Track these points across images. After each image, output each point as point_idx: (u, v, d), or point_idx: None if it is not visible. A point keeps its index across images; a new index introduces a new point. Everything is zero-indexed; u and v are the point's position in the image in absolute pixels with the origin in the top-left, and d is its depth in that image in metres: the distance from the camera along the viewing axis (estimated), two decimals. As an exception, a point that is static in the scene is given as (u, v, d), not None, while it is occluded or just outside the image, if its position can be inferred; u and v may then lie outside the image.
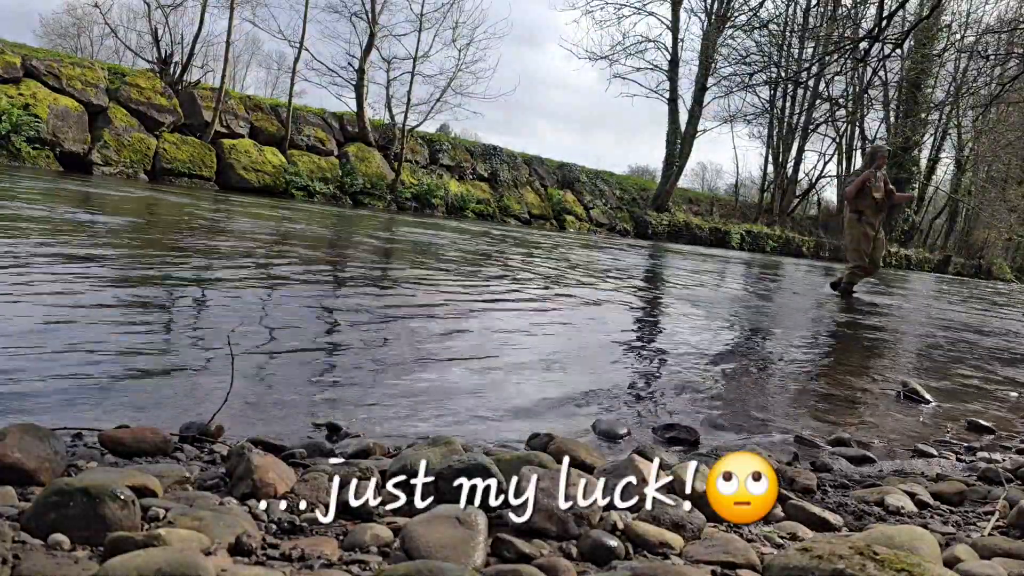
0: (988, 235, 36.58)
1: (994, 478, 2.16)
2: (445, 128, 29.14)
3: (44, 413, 1.93)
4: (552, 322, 4.53)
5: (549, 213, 23.64)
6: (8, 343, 2.50)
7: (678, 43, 26.17)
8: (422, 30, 21.33)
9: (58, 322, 2.89)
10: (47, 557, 1.08)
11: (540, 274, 7.39)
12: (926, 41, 28.43)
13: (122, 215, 7.93)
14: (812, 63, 14.63)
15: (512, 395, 2.72)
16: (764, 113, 29.52)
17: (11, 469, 1.37)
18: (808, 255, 28.30)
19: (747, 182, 37.26)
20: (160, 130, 16.69)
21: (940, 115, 33.81)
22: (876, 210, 8.74)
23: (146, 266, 4.69)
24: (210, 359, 2.65)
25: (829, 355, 4.83)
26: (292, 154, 18.75)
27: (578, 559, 1.32)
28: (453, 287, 5.56)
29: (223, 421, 1.95)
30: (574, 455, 1.87)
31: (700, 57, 26.07)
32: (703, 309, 6.29)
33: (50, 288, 3.48)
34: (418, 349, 3.34)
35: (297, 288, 4.59)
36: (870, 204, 8.67)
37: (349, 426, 2.14)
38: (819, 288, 10.69)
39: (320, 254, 6.90)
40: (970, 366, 4.88)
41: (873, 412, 3.20)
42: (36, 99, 14.85)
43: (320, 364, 2.87)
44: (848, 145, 32.61)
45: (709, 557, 1.36)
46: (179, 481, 1.50)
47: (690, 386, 3.23)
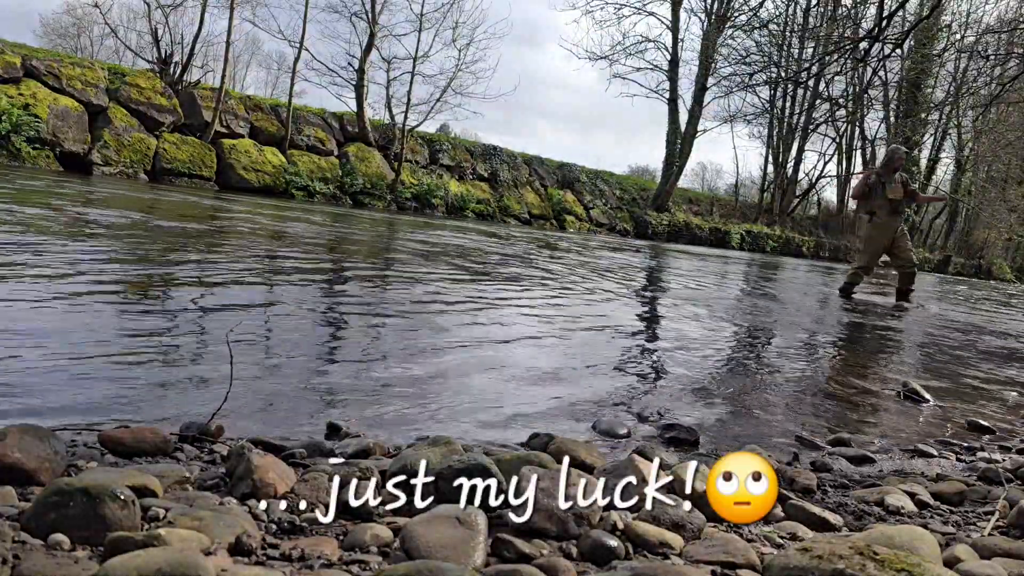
0: (988, 235, 36.58)
1: (994, 478, 2.16)
2: (445, 128, 29.14)
3: (44, 413, 1.93)
4: (552, 322, 4.53)
5: (549, 213, 23.64)
6: (8, 343, 2.50)
7: (678, 43, 26.20)
8: (422, 30, 21.36)
9: (57, 321, 2.89)
10: (47, 557, 1.08)
11: (540, 274, 7.39)
12: (926, 41, 28.44)
13: (185, 220, 7.93)
14: (812, 63, 14.63)
15: (512, 395, 2.72)
16: (764, 113, 29.53)
17: (11, 469, 1.37)
18: (808, 255, 28.30)
19: (747, 182, 37.31)
20: (160, 130, 16.69)
21: (940, 115, 33.83)
22: (891, 211, 8.56)
23: (245, 279, 4.68)
24: (225, 359, 2.65)
25: (829, 355, 4.83)
26: (292, 154, 18.75)
27: (578, 559, 1.32)
28: (454, 287, 5.56)
29: (223, 421, 1.95)
30: (574, 455, 1.87)
31: (700, 57, 26.08)
32: (703, 309, 6.29)
33: (50, 287, 3.49)
34: (418, 349, 3.34)
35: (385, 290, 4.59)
36: (882, 204, 8.53)
37: (349, 426, 2.14)
38: (819, 288, 10.68)
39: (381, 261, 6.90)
40: (970, 366, 4.88)
41: (873, 412, 3.20)
42: (36, 99, 14.84)
43: (321, 364, 2.87)
44: (848, 145, 32.64)
45: (709, 557, 1.36)
46: (179, 481, 1.50)
47: (690, 386, 3.23)
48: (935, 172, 35.76)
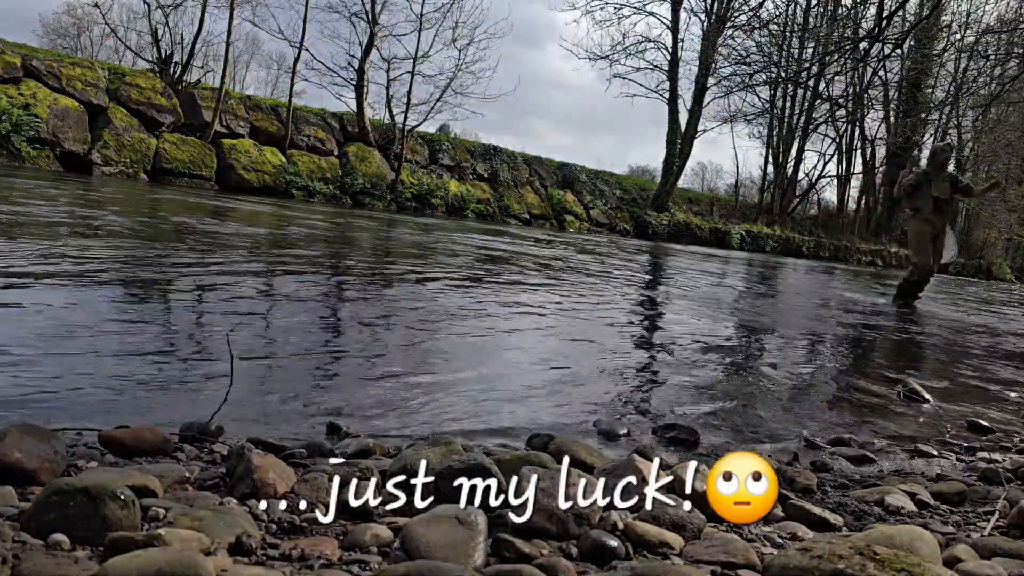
0: (988, 235, 36.56)
1: (994, 478, 2.16)
2: (445, 128, 29.13)
3: (44, 413, 1.93)
4: (552, 321, 4.53)
5: (549, 213, 23.64)
6: (8, 343, 2.50)
7: (678, 43, 26.18)
8: (422, 30, 21.34)
9: (58, 321, 2.89)
10: (47, 557, 1.08)
11: (540, 274, 7.39)
12: (926, 41, 28.44)
13: (253, 224, 7.93)
14: (812, 63, 14.64)
15: (513, 394, 2.72)
16: (764, 113, 29.52)
17: (11, 469, 1.37)
18: (808, 255, 28.29)
19: (747, 182, 37.29)
20: (160, 130, 16.69)
21: (940, 115, 33.83)
22: (936, 210, 8.27)
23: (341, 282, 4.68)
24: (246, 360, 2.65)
25: (830, 355, 4.83)
26: (292, 154, 18.75)
27: (578, 559, 1.32)
28: (454, 287, 5.56)
29: (223, 421, 1.95)
30: (574, 455, 1.87)
31: (700, 57, 26.06)
32: (703, 309, 6.29)
33: (51, 289, 3.49)
34: (419, 348, 3.34)
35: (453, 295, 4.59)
36: (927, 202, 8.24)
37: (349, 426, 2.14)
38: (819, 289, 10.66)
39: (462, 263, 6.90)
40: (970, 366, 4.88)
41: (873, 412, 3.20)
42: (36, 99, 14.84)
43: (321, 364, 2.87)
44: (848, 145, 32.63)
45: (709, 557, 1.36)
46: (179, 481, 1.50)
47: (691, 386, 3.23)
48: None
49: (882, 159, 32.86)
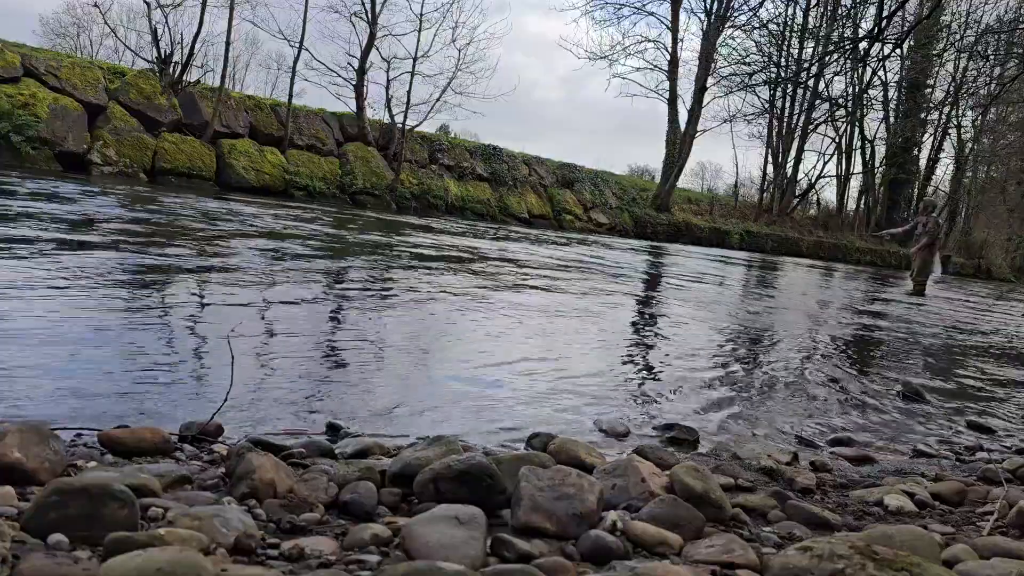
0: (988, 235, 36.55)
1: (994, 478, 2.16)
2: (445, 128, 29.10)
3: (44, 413, 1.93)
4: (552, 321, 4.53)
5: (549, 213, 23.62)
6: (8, 343, 2.50)
7: (678, 43, 26.16)
8: (422, 30, 21.29)
9: (58, 321, 2.89)
10: (47, 557, 1.07)
11: (540, 274, 7.38)
12: (926, 41, 28.43)
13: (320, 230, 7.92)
14: (812, 63, 14.63)
15: (512, 394, 2.72)
16: (764, 113, 29.50)
17: (11, 469, 1.37)
18: (808, 255, 28.28)
19: (747, 182, 37.27)
20: (159, 130, 16.67)
21: (940, 115, 33.82)
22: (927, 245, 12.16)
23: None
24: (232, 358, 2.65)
25: (830, 355, 4.82)
26: (292, 154, 18.73)
27: (578, 559, 1.32)
28: (454, 288, 5.56)
29: (223, 421, 1.95)
30: (574, 455, 1.87)
31: (700, 57, 26.04)
32: (703, 308, 6.30)
33: (51, 290, 3.48)
34: (419, 348, 3.34)
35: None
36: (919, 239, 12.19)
37: (349, 426, 2.14)
38: (819, 289, 10.65)
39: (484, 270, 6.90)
40: (970, 366, 4.88)
41: (873, 412, 3.20)
42: (36, 99, 14.82)
43: (321, 364, 2.87)
44: (848, 145, 32.60)
45: (709, 557, 1.36)
46: (179, 481, 1.50)
47: (691, 386, 3.23)
48: (935, 172, 35.76)
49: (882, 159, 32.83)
